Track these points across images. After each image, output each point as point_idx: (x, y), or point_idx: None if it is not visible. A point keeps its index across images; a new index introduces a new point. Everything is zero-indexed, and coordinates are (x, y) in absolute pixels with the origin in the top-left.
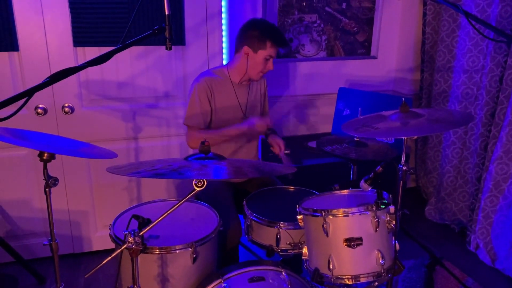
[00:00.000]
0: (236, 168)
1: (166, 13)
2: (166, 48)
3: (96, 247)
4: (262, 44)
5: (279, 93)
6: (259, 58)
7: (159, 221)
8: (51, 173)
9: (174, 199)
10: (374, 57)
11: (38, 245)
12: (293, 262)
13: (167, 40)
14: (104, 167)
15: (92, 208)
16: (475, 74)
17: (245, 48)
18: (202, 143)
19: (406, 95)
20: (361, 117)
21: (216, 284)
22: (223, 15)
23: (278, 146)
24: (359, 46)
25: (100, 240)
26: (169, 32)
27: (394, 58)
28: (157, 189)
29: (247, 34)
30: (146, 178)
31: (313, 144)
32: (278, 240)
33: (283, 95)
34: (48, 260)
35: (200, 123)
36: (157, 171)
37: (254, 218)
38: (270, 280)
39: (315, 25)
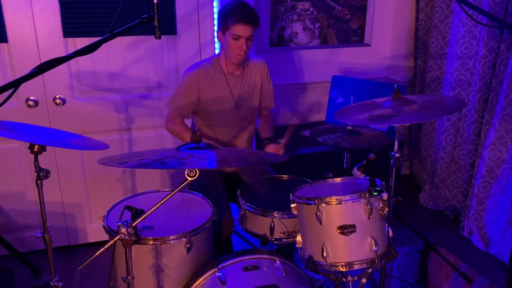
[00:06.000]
0: (222, 158)
1: (155, 1)
2: (155, 37)
3: (91, 239)
4: (226, 24)
5: (273, 82)
6: (228, 39)
7: (151, 211)
8: (44, 166)
9: (168, 189)
10: (368, 45)
11: (33, 238)
12: (286, 250)
13: (156, 29)
14: (97, 159)
15: (86, 200)
16: (468, 60)
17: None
18: (194, 132)
19: (400, 82)
20: (353, 105)
21: (211, 274)
22: (215, 3)
23: (277, 149)
24: (353, 34)
25: (95, 231)
26: (158, 20)
27: (387, 45)
28: (152, 180)
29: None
30: (134, 168)
31: (307, 133)
32: (272, 229)
33: (277, 84)
34: (43, 252)
35: (182, 113)
36: (142, 161)
37: (248, 208)
38: (265, 269)
39: (308, 12)
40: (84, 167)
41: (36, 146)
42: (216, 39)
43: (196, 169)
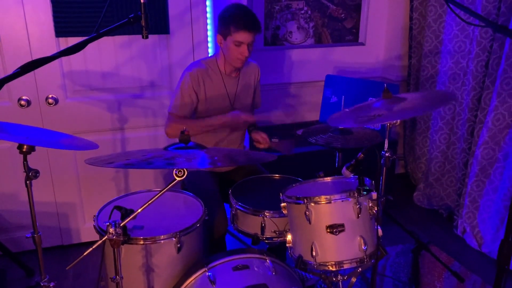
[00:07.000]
0: (210, 158)
1: (142, 0)
2: (143, 37)
3: (84, 239)
4: (227, 30)
5: (267, 81)
6: (229, 44)
7: (139, 211)
8: (37, 166)
9: (159, 189)
10: (362, 44)
11: (25, 238)
12: (278, 250)
13: (143, 28)
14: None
15: (79, 199)
16: (461, 59)
17: (218, 37)
18: (182, 132)
19: (394, 81)
20: (347, 110)
21: (201, 273)
22: (208, 3)
23: (263, 139)
24: (347, 33)
25: (88, 231)
26: (145, 20)
27: (382, 45)
28: (145, 180)
29: (217, 22)
30: (121, 168)
31: (300, 132)
32: (263, 229)
33: (271, 83)
34: (36, 252)
35: (185, 113)
36: (128, 161)
37: (239, 207)
38: (255, 268)
39: (302, 12)
40: (77, 167)
41: (25, 146)
42: (209, 39)
43: (184, 169)
